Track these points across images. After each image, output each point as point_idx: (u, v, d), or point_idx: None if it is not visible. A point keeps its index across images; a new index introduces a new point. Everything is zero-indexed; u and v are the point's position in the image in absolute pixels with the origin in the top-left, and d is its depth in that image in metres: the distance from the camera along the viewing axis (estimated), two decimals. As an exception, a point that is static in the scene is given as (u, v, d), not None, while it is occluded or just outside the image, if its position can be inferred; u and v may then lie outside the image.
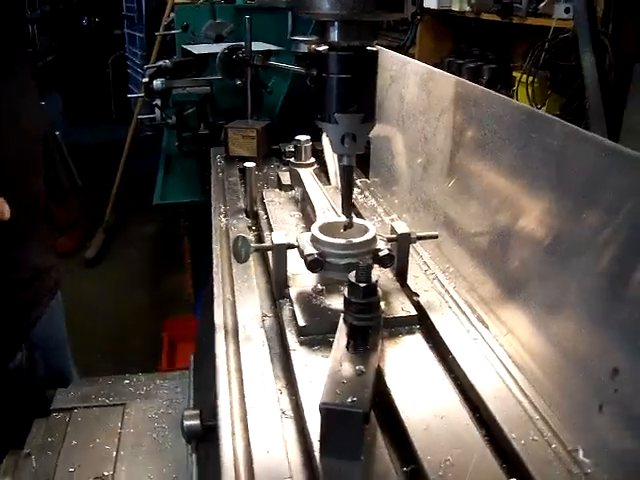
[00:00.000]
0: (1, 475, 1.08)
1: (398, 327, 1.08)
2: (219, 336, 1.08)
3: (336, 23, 0.92)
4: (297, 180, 1.59)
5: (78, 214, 5.57)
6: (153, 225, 5.51)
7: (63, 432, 1.23)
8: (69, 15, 8.20)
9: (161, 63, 3.38)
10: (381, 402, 0.92)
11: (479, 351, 1.03)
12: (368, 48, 0.97)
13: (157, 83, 3.25)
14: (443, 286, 1.24)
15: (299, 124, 1.73)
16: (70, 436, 1.21)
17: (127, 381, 1.43)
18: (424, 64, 1.35)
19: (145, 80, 3.40)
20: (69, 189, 6.17)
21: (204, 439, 1.02)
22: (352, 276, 0.95)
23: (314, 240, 1.12)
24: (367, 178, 1.87)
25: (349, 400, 0.78)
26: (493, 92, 1.08)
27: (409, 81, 1.43)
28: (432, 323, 1.10)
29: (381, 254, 1.10)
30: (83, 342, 3.81)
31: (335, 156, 1.66)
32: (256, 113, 3.24)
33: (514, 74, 3.05)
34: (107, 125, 7.52)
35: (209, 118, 3.35)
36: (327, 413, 0.77)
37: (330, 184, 1.78)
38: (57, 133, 6.02)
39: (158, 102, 3.71)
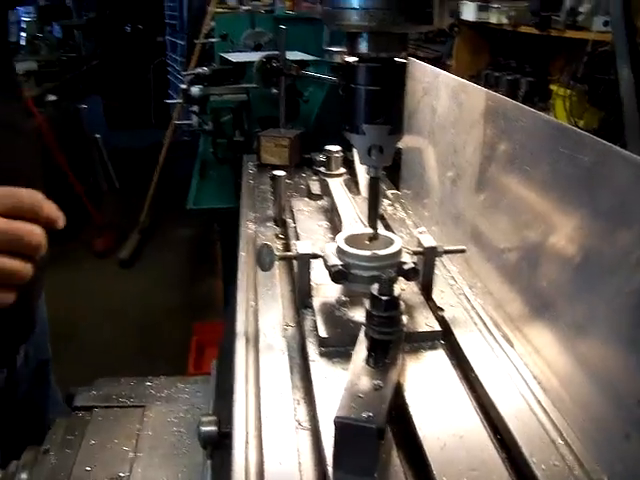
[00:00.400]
0: (20, 469, 1.09)
1: (420, 342, 1.07)
2: (239, 343, 1.08)
3: (364, 34, 0.92)
4: (326, 190, 1.58)
5: (114, 215, 5.65)
6: (188, 229, 5.56)
7: (83, 431, 1.24)
8: (114, 22, 8.36)
9: (199, 70, 3.42)
10: (399, 418, 0.91)
11: (503, 370, 1.01)
12: (396, 59, 0.96)
13: (195, 90, 3.30)
14: (469, 302, 1.22)
15: (334, 134, 1.73)
16: (89, 435, 1.22)
17: (149, 383, 1.44)
18: (455, 76, 1.34)
19: (183, 86, 3.46)
20: (107, 191, 6.29)
21: (220, 446, 1.02)
22: (374, 288, 0.94)
23: (339, 251, 1.11)
24: (398, 190, 1.86)
25: (364, 415, 0.76)
26: (523, 105, 1.06)
27: (440, 93, 1.42)
28: (456, 339, 1.09)
29: (406, 267, 1.09)
30: (113, 342, 3.88)
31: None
32: (292, 122, 3.27)
33: (552, 87, 3.01)
34: (147, 129, 7.62)
35: (244, 125, 3.38)
36: (341, 427, 0.76)
37: (360, 194, 1.77)
38: (98, 136, 6.13)
39: (195, 108, 3.76)
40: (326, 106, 2.71)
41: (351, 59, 0.97)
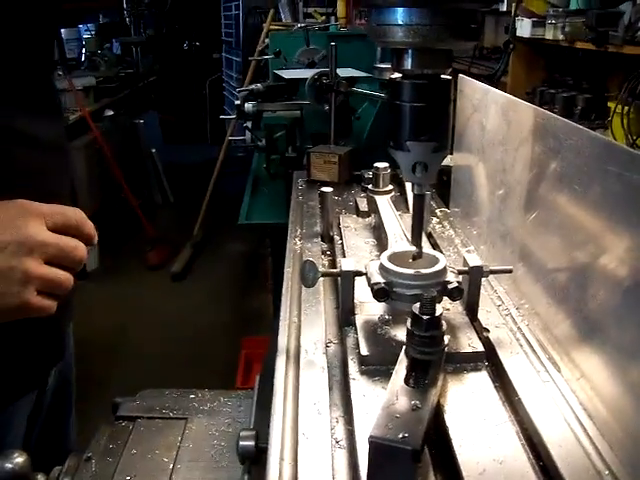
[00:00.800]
0: (62, 475, 1.11)
1: (463, 363, 1.05)
2: (280, 359, 1.08)
3: (409, 51, 0.91)
4: (374, 207, 1.57)
5: (168, 229, 5.75)
6: (240, 243, 5.61)
7: (125, 440, 1.26)
8: (172, 39, 8.56)
9: (253, 87, 3.46)
10: (438, 440, 0.89)
11: (548, 394, 0.98)
12: (442, 76, 0.95)
13: (249, 106, 3.34)
14: (516, 323, 1.20)
15: (386, 150, 1.72)
16: (131, 445, 1.23)
17: (192, 396, 1.45)
18: (504, 93, 1.32)
19: (237, 102, 3.51)
20: (161, 204, 6.42)
21: (258, 461, 1.02)
22: (416, 308, 0.93)
23: (382, 269, 1.10)
24: (448, 208, 1.84)
25: (400, 436, 0.75)
26: (571, 122, 1.03)
27: (489, 110, 1.40)
28: (500, 361, 1.06)
29: (450, 286, 1.07)
30: (163, 355, 3.93)
31: (413, 184, 1.64)
32: (344, 138, 3.27)
33: (609, 104, 2.93)
34: (202, 145, 7.75)
35: (297, 142, 3.40)
36: (375, 447, 0.75)
37: (409, 212, 1.75)
38: (153, 151, 6.27)
39: (249, 124, 3.81)
40: (378, 123, 2.70)
41: (396, 75, 0.97)
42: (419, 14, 0.86)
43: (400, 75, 0.96)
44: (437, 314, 0.92)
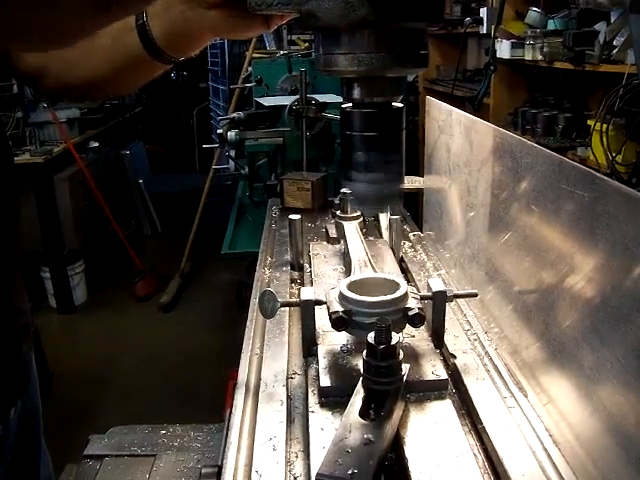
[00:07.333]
0: None
1: (427, 392, 1.01)
2: (238, 393, 1.05)
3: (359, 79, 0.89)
4: (342, 233, 1.55)
5: (156, 260, 5.70)
6: (229, 272, 5.56)
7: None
8: (159, 70, 8.59)
9: (235, 115, 3.47)
10: (398, 473, 0.86)
11: (514, 421, 0.95)
12: (394, 104, 0.92)
13: (231, 134, 3.34)
14: (484, 347, 1.17)
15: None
16: (97, 484, 1.21)
17: (163, 431, 1.42)
18: (466, 113, 1.30)
19: (219, 131, 3.50)
20: (149, 235, 6.39)
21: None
22: (371, 337, 0.90)
23: (341, 297, 1.07)
24: (421, 231, 1.82)
25: (349, 472, 0.72)
26: (526, 140, 1.01)
27: (454, 131, 1.39)
28: (466, 388, 1.03)
29: (410, 313, 1.04)
30: (151, 387, 3.87)
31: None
32: (327, 164, 3.26)
33: (589, 122, 2.93)
34: (191, 174, 7.73)
35: (278, 169, 3.39)
36: (323, 486, 0.71)
37: (382, 237, 1.73)
38: (140, 181, 6.25)
39: (232, 153, 3.80)
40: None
41: (345, 105, 0.94)
42: (360, 41, 0.83)
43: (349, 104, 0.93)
44: (393, 342, 0.89)
